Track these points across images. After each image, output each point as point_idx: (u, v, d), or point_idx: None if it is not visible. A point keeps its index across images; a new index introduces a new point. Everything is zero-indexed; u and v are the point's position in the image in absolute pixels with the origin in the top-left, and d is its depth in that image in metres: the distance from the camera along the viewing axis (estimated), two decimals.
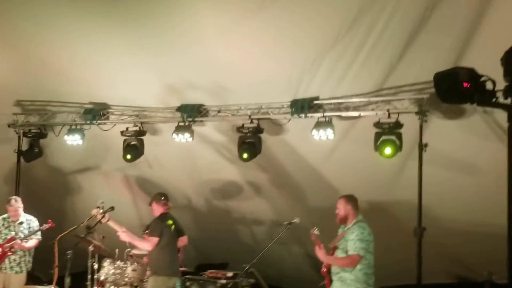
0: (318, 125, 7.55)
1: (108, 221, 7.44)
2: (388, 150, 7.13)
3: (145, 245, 7.63)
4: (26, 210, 8.72)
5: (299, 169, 8.68)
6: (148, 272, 7.94)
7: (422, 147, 7.02)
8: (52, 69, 8.21)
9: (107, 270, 8.28)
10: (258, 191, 9.40)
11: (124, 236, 7.59)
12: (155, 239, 7.48)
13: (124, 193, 10.16)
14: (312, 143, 7.83)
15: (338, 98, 7.55)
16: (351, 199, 6.50)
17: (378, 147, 7.21)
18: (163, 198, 7.79)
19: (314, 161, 8.45)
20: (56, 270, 7.58)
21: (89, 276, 8.45)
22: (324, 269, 6.43)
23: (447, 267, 8.69)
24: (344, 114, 7.60)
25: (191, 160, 9.29)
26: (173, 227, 7.71)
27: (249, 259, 7.99)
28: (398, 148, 7.14)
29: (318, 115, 7.60)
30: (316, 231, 6.39)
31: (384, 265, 8.73)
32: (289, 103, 7.72)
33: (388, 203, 8.40)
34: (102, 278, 8.26)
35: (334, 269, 6.30)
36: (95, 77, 8.31)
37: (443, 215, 7.98)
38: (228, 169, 9.12)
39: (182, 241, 8.04)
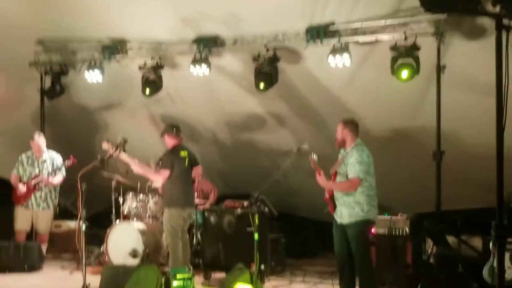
0: (334, 51, 7.36)
1: (119, 154, 7.34)
2: (405, 74, 6.98)
3: (156, 178, 7.64)
4: (53, 148, 8.89)
5: (320, 97, 8.52)
6: None
7: (440, 69, 6.85)
8: (72, 5, 8.13)
9: (130, 203, 8.47)
10: (280, 122, 9.28)
11: (136, 168, 7.54)
12: (165, 172, 7.43)
13: (149, 128, 10.21)
14: (331, 70, 7.65)
15: (354, 22, 7.33)
16: (349, 122, 6.30)
17: (395, 70, 7.05)
18: (174, 129, 7.66)
19: (334, 89, 8.28)
20: (80, 206, 7.74)
21: (113, 210, 8.64)
22: (326, 195, 6.37)
23: (473, 191, 8.52)
24: (360, 38, 7.38)
25: (212, 93, 9.21)
26: (186, 159, 7.65)
27: (273, 190, 7.94)
28: (415, 71, 6.97)
29: (334, 40, 7.40)
30: (314, 157, 6.24)
31: (408, 192, 8.73)
32: (305, 30, 7.54)
33: (411, 129, 8.23)
34: (125, 211, 8.45)
35: (337, 194, 6.22)
36: (114, 12, 8.18)
37: (465, 139, 7.81)
38: (249, 100, 8.99)
39: (197, 171, 7.95)
